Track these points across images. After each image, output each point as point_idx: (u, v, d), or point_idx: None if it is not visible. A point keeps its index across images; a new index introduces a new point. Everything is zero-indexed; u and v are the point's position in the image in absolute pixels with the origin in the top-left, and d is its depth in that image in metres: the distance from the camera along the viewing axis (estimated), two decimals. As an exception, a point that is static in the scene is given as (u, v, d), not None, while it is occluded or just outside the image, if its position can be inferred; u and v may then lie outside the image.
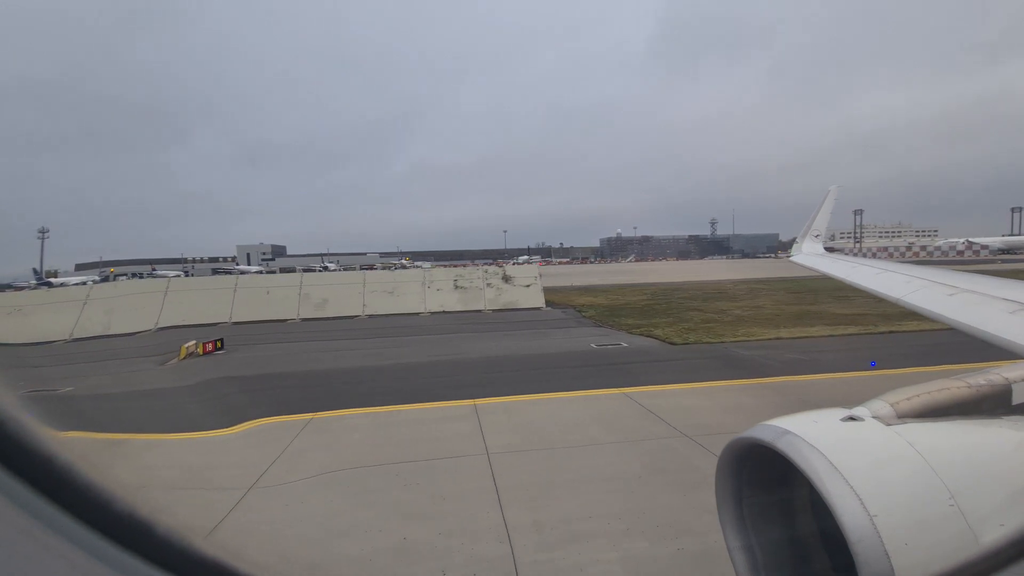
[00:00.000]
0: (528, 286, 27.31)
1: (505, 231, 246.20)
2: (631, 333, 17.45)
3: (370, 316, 25.04)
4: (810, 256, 9.99)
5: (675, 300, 27.38)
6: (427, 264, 73.37)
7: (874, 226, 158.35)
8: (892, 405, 1.89)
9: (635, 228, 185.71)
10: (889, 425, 1.80)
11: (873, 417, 1.84)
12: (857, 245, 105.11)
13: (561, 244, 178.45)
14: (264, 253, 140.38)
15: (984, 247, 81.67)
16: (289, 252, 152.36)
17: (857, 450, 1.70)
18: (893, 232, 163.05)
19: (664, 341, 15.52)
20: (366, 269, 52.27)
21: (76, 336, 22.46)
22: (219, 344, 17.18)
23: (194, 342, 16.69)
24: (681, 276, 48.03)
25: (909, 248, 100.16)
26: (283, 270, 71.43)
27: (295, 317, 24.86)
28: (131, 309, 24.07)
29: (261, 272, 55.17)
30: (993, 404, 2.03)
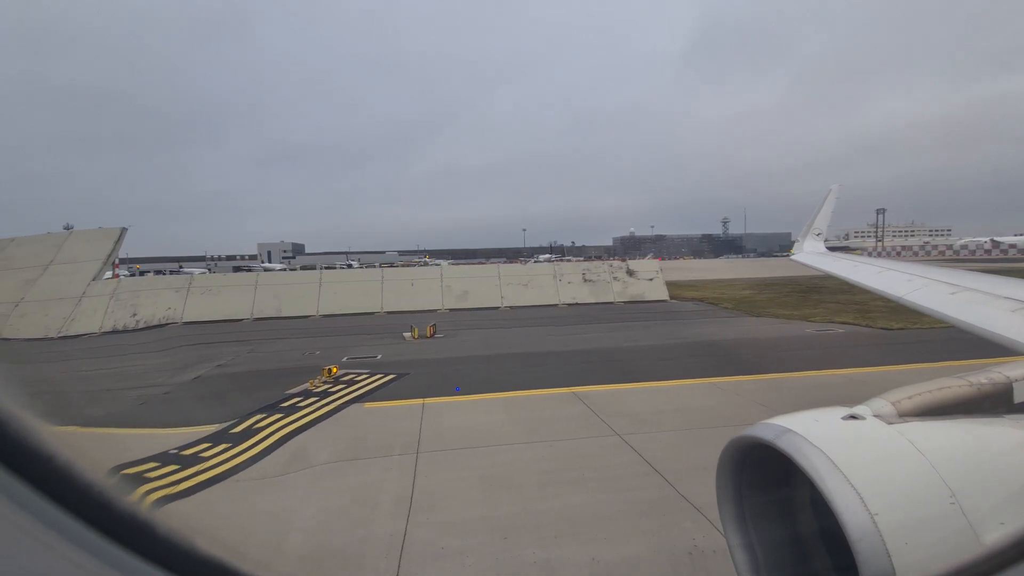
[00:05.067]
0: (651, 280, 28.98)
1: (524, 229, 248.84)
2: (808, 321, 17.92)
3: (510, 307, 26.79)
4: (811, 255, 10.03)
5: (782, 294, 28.87)
6: (445, 262, 74.93)
7: (888, 226, 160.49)
8: (893, 404, 1.91)
9: (652, 227, 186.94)
10: (890, 424, 1.82)
11: (874, 416, 1.86)
12: (879, 244, 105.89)
13: (572, 243, 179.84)
14: (285, 251, 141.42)
15: (1012, 246, 78.76)
16: (307, 251, 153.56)
17: (858, 449, 1.72)
18: (907, 232, 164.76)
19: (871, 327, 15.93)
20: (386, 267, 53.48)
21: (255, 316, 24.92)
22: (435, 329, 19.10)
23: (411, 326, 18.73)
24: (722, 274, 48.10)
25: (935, 247, 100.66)
26: (303, 268, 72.47)
27: (441, 308, 26.53)
28: (293, 296, 26.29)
29: (284, 270, 56.16)
30: (995, 402, 2.06)
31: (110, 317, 23.26)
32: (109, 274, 26.31)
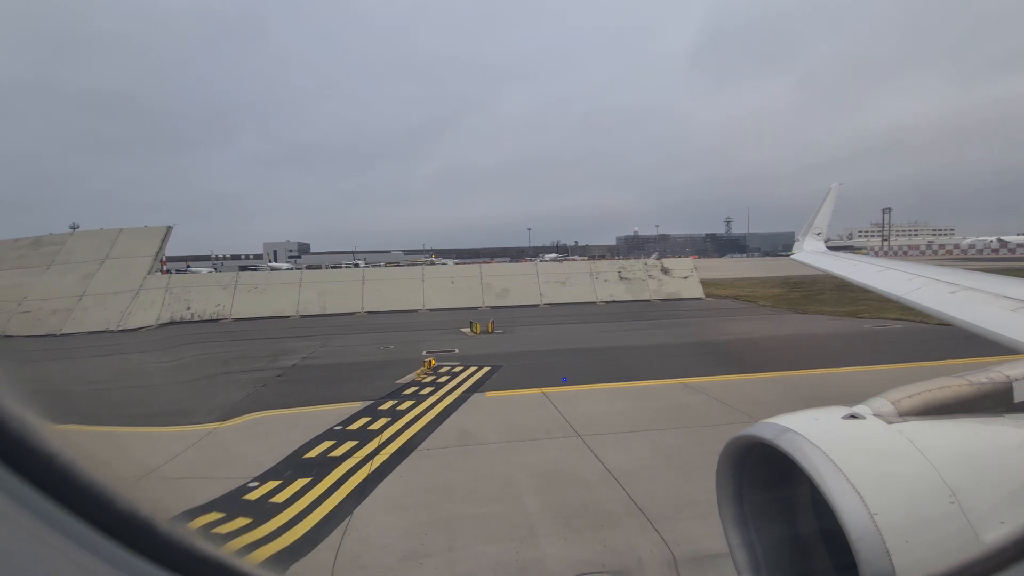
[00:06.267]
0: (686, 278, 29.19)
1: (530, 229, 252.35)
2: (858, 318, 17.93)
3: (549, 305, 27.22)
4: (812, 254, 9.93)
5: (814, 292, 29.21)
6: (450, 261, 75.73)
7: (892, 226, 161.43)
8: (893, 403, 1.89)
9: (657, 226, 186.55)
10: (890, 423, 1.80)
11: (874, 415, 1.85)
12: (885, 244, 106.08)
13: (576, 242, 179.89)
14: (290, 250, 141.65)
15: (1020, 245, 77.32)
16: (312, 250, 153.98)
17: (858, 448, 1.71)
18: (910, 231, 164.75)
19: (925, 323, 15.62)
20: (392, 266, 53.80)
21: (301, 313, 25.22)
22: (494, 325, 19.60)
23: (470, 321, 19.24)
24: (734, 273, 47.51)
25: (942, 246, 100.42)
26: (309, 267, 72.75)
27: (482, 305, 26.92)
28: (337, 294, 26.56)
29: (291, 269, 56.32)
30: (995, 402, 2.03)
31: (166, 311, 23.81)
32: (158, 270, 26.85)
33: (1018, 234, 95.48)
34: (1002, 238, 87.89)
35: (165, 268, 28.35)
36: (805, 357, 12.20)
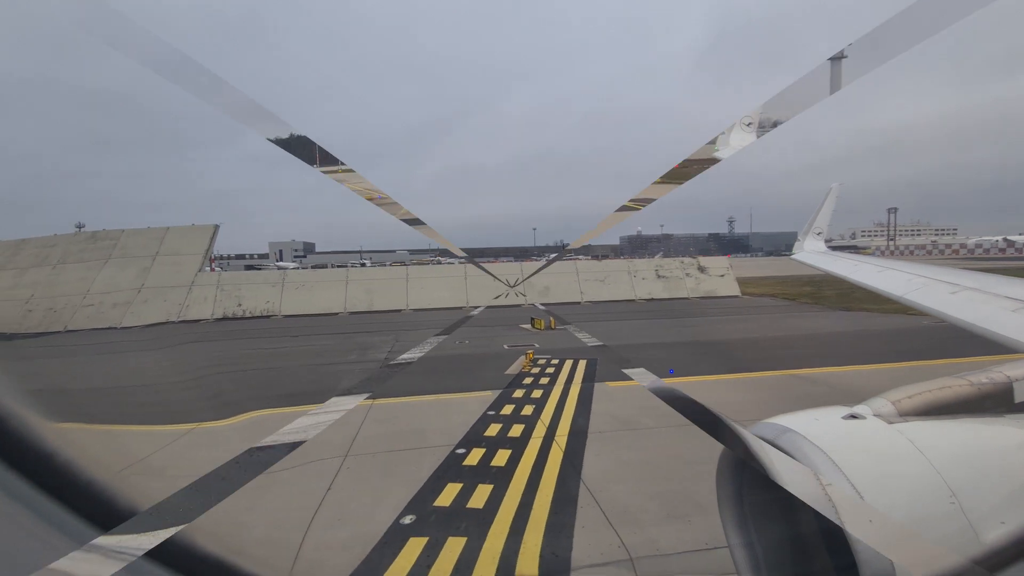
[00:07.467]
0: (722, 276, 29.13)
1: (535, 228, 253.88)
2: (906, 315, 17.65)
3: (590, 302, 27.52)
4: (812, 254, 9.89)
5: (845, 290, 29.76)
6: (455, 261, 75.98)
7: (895, 225, 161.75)
8: (894, 403, 1.88)
9: (662, 226, 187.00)
10: (891, 423, 1.79)
11: (875, 415, 1.84)
12: (890, 243, 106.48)
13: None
14: (296, 250, 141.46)
15: None
16: (317, 249, 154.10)
17: (859, 448, 1.70)
18: (913, 231, 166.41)
19: None
20: (397, 265, 53.97)
21: (349, 310, 25.18)
22: (556, 321, 19.93)
23: (531, 318, 19.59)
24: (747, 272, 45.33)
25: (948, 246, 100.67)
26: (315, 267, 72.84)
27: (524, 302, 27.46)
28: (382, 291, 26.73)
29: (298, 268, 56.38)
30: (995, 402, 2.02)
31: (220, 305, 24.16)
32: (207, 268, 27.26)
33: (1019, 234, 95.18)
34: (1008, 238, 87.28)
35: (213, 266, 28.69)
36: (894, 351, 12.03)
